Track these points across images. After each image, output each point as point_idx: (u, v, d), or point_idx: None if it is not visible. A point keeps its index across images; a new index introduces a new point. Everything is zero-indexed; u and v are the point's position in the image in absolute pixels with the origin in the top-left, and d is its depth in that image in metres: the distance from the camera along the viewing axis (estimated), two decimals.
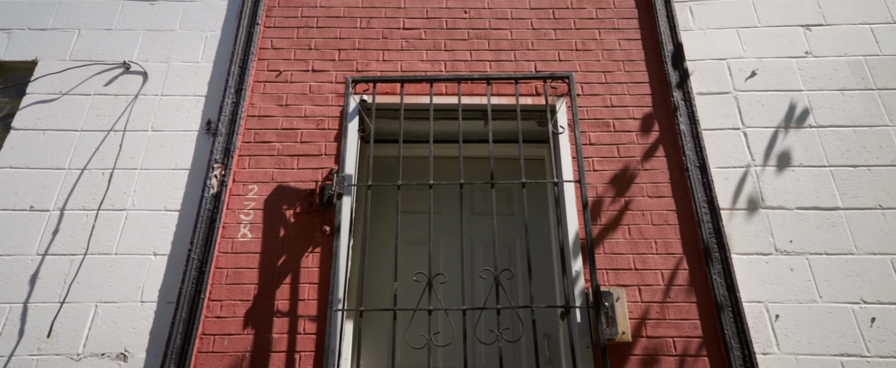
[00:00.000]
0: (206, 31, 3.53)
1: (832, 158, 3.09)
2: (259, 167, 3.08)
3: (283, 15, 3.56)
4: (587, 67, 3.37)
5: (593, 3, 3.59)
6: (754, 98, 3.27)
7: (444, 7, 3.59)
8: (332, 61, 3.41)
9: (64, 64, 3.42)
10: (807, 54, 3.41)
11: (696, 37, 3.49)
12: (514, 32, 3.50)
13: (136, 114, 3.26)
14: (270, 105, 3.27)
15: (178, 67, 3.41)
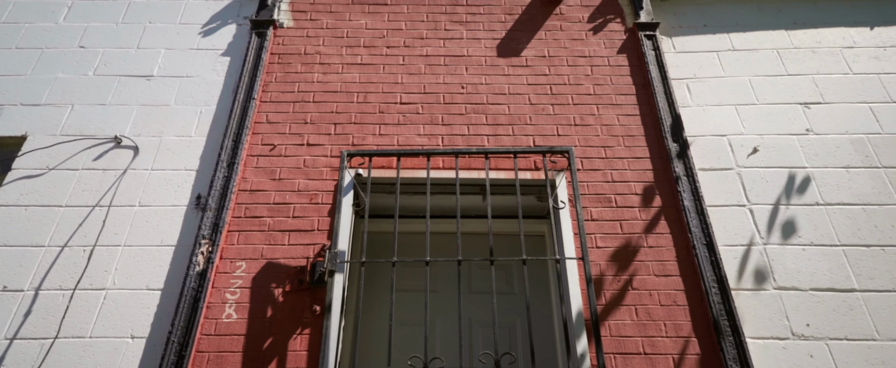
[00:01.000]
0: (201, 106, 3.57)
1: (843, 237, 3.04)
2: (248, 243, 3.01)
3: (280, 90, 3.62)
4: (586, 142, 3.39)
5: (591, 79, 3.67)
6: (758, 174, 3.28)
7: (442, 82, 3.65)
8: (327, 135, 3.42)
9: (54, 139, 3.43)
10: (808, 131, 3.45)
11: (695, 113, 3.54)
12: (512, 107, 3.55)
13: (124, 189, 3.22)
14: (263, 179, 3.24)
15: (170, 142, 3.42)
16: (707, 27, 3.98)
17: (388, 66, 3.73)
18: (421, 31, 3.90)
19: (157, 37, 3.90)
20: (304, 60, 3.75)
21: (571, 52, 3.80)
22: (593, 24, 3.94)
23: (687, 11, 4.07)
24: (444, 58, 3.77)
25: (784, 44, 3.87)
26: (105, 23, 3.98)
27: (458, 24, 3.94)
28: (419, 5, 4.03)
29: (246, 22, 3.96)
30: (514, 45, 3.83)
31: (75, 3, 4.10)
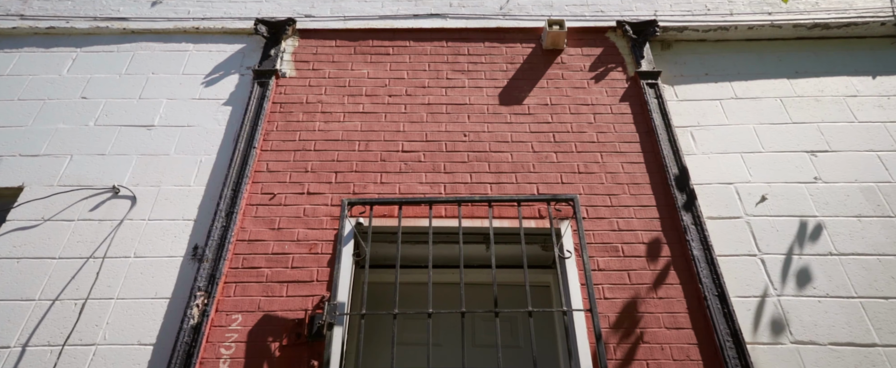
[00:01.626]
0: (201, 155, 3.59)
1: (860, 289, 2.99)
2: (245, 295, 2.96)
3: (281, 138, 3.64)
4: (591, 190, 3.38)
5: (594, 127, 3.69)
6: (767, 223, 3.25)
7: (444, 130, 3.68)
8: (328, 184, 3.42)
9: (50, 189, 3.43)
10: (816, 180, 3.44)
11: (701, 161, 3.55)
12: (515, 155, 3.56)
13: (120, 240, 3.20)
14: (262, 228, 3.22)
15: (169, 191, 3.41)
16: (709, 76, 4.03)
17: (390, 115, 3.77)
18: (423, 80, 3.96)
19: (159, 87, 3.96)
20: (306, 109, 3.80)
21: (574, 99, 3.84)
22: (595, 72, 4.00)
23: (688, 60, 4.14)
24: (446, 106, 3.82)
25: (787, 92, 3.92)
26: (108, 74, 4.06)
27: (460, 73, 4.00)
28: (421, 55, 4.11)
29: (248, 72, 4.03)
30: (517, 94, 3.88)
31: (80, 55, 4.18)
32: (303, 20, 4.32)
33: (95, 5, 4.48)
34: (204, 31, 4.28)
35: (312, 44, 4.19)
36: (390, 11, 4.40)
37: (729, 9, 4.34)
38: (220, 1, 4.50)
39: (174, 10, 4.43)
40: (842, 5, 4.32)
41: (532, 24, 4.26)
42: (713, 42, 4.27)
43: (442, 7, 4.43)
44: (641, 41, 4.10)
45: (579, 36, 4.21)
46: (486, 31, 4.26)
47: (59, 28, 4.30)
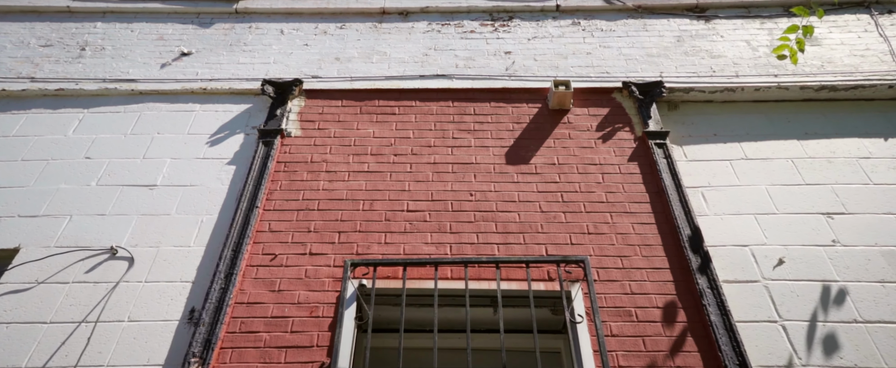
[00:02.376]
0: (202, 215, 3.58)
1: (890, 359, 2.88)
2: (241, 361, 2.87)
3: (284, 198, 3.65)
4: (602, 251, 3.33)
5: (602, 187, 3.68)
6: (787, 288, 3.17)
7: (450, 190, 3.68)
8: (331, 244, 3.39)
9: (47, 251, 3.41)
10: (834, 243, 3.39)
11: (714, 222, 3.52)
12: (523, 215, 3.53)
13: (114, 303, 3.14)
14: (262, 291, 3.17)
15: (167, 252, 3.39)
16: (717, 136, 4.06)
17: (396, 174, 3.78)
18: (429, 140, 4.00)
19: (163, 147, 4.01)
20: (311, 168, 3.82)
21: (581, 159, 3.86)
22: (602, 132, 4.04)
23: (696, 121, 4.17)
24: (452, 165, 3.83)
25: (798, 153, 3.93)
26: (113, 134, 4.12)
27: (466, 133, 4.05)
28: (427, 114, 4.17)
29: (253, 131, 4.09)
30: (523, 153, 3.90)
31: (87, 116, 4.26)
32: (310, 81, 4.43)
33: (105, 67, 4.61)
34: (211, 91, 4.38)
35: (318, 104, 4.27)
36: (397, 72, 4.51)
37: (734, 70, 4.42)
38: (228, 63, 4.63)
39: (183, 72, 4.55)
40: (848, 68, 4.39)
41: (538, 85, 4.34)
42: (720, 103, 4.32)
43: (448, 68, 4.54)
44: (648, 102, 4.15)
45: (585, 96, 4.28)
46: (491, 91, 4.35)
47: (68, 90, 4.41)
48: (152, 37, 4.91)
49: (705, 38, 4.74)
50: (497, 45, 4.77)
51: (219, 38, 4.88)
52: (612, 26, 4.91)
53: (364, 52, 4.72)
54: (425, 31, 4.91)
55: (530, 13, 5.07)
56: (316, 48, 4.77)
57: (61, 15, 5.17)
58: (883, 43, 4.61)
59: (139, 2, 5.20)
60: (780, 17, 4.92)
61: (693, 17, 4.96)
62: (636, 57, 4.60)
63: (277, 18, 5.08)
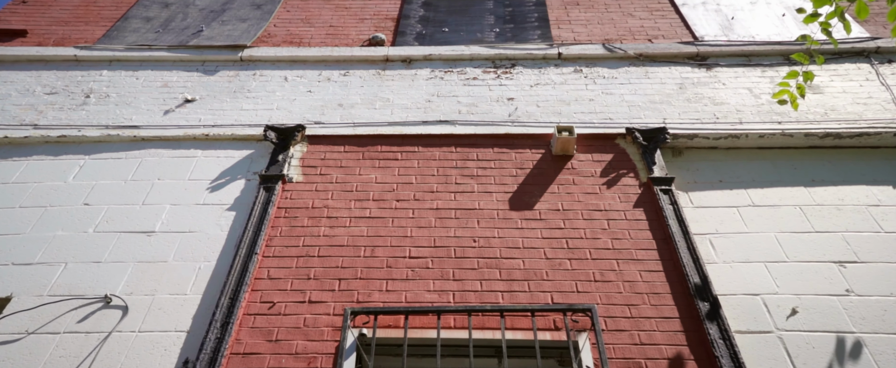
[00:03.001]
0: (200, 262, 3.55)
1: None
2: None
3: (284, 244, 3.62)
4: (609, 300, 3.27)
5: (608, 233, 3.65)
6: (802, 339, 3.10)
7: (453, 236, 3.65)
8: (331, 292, 3.34)
9: (39, 299, 3.36)
10: (849, 292, 3.34)
11: (723, 270, 3.47)
12: (527, 262, 3.49)
13: (105, 355, 3.08)
14: (259, 340, 3.10)
15: (163, 300, 3.34)
16: (723, 183, 4.05)
17: (398, 219, 3.76)
18: (431, 185, 4.00)
19: (163, 193, 4.01)
20: (312, 214, 3.80)
21: (586, 205, 3.84)
22: (606, 178, 4.04)
23: (701, 167, 4.18)
24: (455, 211, 3.82)
25: (806, 201, 3.91)
26: (114, 180, 4.13)
27: (469, 178, 4.05)
28: (430, 159, 4.19)
29: (255, 177, 4.10)
30: (527, 199, 3.89)
31: (88, 162, 4.29)
32: (312, 126, 4.47)
33: (109, 114, 4.67)
34: (213, 137, 4.42)
35: (321, 149, 4.30)
36: (400, 118, 4.55)
37: (738, 117, 4.46)
38: (231, 109, 4.69)
39: (186, 118, 4.60)
40: (851, 116, 4.43)
41: (541, 131, 4.37)
42: (725, 149, 4.33)
43: (451, 114, 4.59)
44: (652, 148, 4.17)
45: (589, 142, 4.30)
46: (495, 136, 4.38)
47: (70, 136, 4.45)
48: (157, 84, 5.00)
49: (707, 86, 4.81)
50: (500, 91, 4.84)
51: (223, 85, 4.96)
52: (614, 73, 4.99)
53: (367, 99, 4.79)
54: (428, 78, 4.99)
55: (532, 60, 5.17)
56: (319, 94, 4.84)
57: (68, 64, 5.28)
58: (885, 92, 4.66)
59: (145, 50, 5.32)
60: (780, 66, 4.99)
61: (694, 65, 5.04)
62: (639, 103, 4.65)
63: (282, 66, 5.18)
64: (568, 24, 5.74)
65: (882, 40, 5.11)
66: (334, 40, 5.56)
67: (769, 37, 5.38)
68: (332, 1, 6.26)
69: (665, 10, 5.93)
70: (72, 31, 5.79)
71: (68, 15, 6.08)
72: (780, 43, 5.17)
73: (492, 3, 6.17)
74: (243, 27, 5.73)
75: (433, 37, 5.58)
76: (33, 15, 6.07)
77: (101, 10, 6.18)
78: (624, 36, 5.51)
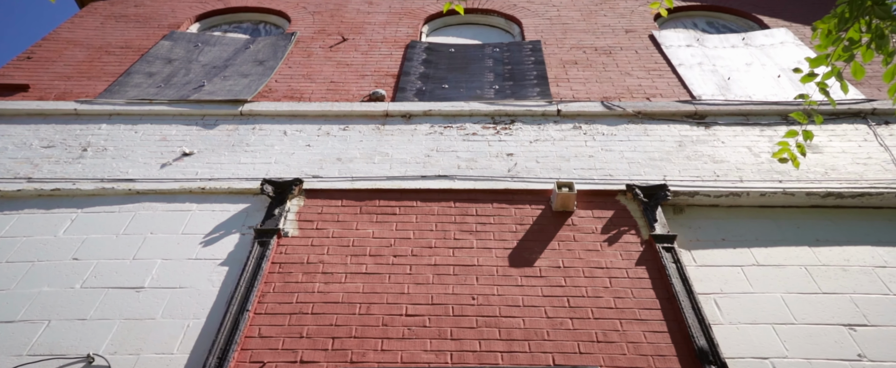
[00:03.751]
0: (189, 319, 3.47)
1: None
2: None
3: (277, 301, 3.55)
4: (612, 361, 3.19)
5: (610, 292, 3.60)
6: None
7: (451, 293, 3.60)
8: (324, 351, 3.25)
9: (18, 359, 3.27)
10: (861, 357, 3.27)
11: (730, 332, 3.41)
12: (528, 321, 3.42)
13: None
14: None
15: (148, 360, 3.25)
16: (726, 241, 4.03)
17: (394, 276, 3.70)
18: (429, 240, 3.96)
19: (155, 247, 3.96)
20: (306, 270, 3.75)
21: (587, 262, 3.79)
22: (607, 235, 4.01)
23: (703, 225, 4.16)
24: (453, 267, 3.77)
25: (811, 261, 3.88)
26: (105, 234, 4.08)
27: (468, 234, 4.02)
28: (428, 215, 4.17)
29: (250, 231, 4.06)
30: (527, 255, 3.84)
31: (80, 215, 4.26)
32: (310, 180, 4.47)
33: (105, 168, 4.68)
34: (209, 191, 4.41)
35: (318, 203, 4.28)
36: (398, 173, 4.56)
37: (738, 176, 4.47)
38: (229, 163, 4.71)
39: (182, 172, 4.61)
40: (852, 175, 4.45)
41: (541, 187, 4.38)
42: (726, 208, 4.33)
43: (450, 169, 4.60)
44: (653, 205, 4.16)
45: (589, 198, 4.29)
46: (494, 192, 4.38)
47: (64, 190, 4.44)
48: (155, 138, 5.03)
49: (706, 144, 4.85)
50: (499, 147, 4.87)
51: (221, 139, 5.00)
52: (614, 131, 5.04)
53: (366, 153, 4.81)
54: (428, 133, 5.04)
55: (531, 117, 5.24)
56: (318, 149, 4.87)
57: (68, 117, 5.33)
58: (884, 152, 4.71)
59: (146, 104, 5.38)
60: (778, 125, 5.06)
61: (693, 124, 5.11)
62: (639, 160, 4.68)
63: (281, 120, 5.24)
64: (566, 81, 5.86)
65: (878, 102, 5.20)
66: (335, 95, 5.64)
67: (765, 97, 5.48)
68: (333, 58, 6.40)
69: (662, 69, 6.06)
70: (74, 85, 5.88)
71: (71, 70, 6.19)
72: (776, 103, 5.26)
73: (491, 61, 6.32)
74: (245, 82, 5.83)
75: (433, 93, 5.68)
76: (37, 70, 6.18)
77: (105, 65, 6.30)
78: (622, 94, 5.61)
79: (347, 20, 7.38)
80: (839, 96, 5.20)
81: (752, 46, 6.62)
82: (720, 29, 7.48)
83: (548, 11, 7.58)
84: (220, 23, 7.86)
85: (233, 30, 7.68)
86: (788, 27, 7.04)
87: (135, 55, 6.52)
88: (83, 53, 6.55)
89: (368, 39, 6.85)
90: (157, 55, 6.50)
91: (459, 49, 6.64)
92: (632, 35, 6.87)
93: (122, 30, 7.16)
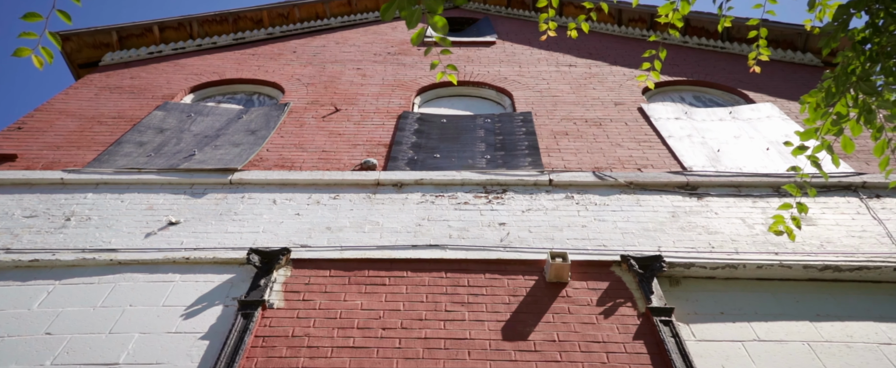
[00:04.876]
0: None
1: None
2: None
3: None
4: None
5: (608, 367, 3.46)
6: None
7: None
8: None
9: None
10: None
11: None
12: None
13: None
14: None
15: None
16: (725, 315, 3.96)
17: (383, 350, 3.57)
18: (420, 312, 3.85)
19: (133, 320, 3.82)
20: (291, 343, 3.61)
21: (583, 336, 3.69)
22: (603, 307, 3.92)
23: (700, 298, 4.09)
24: (444, 340, 3.64)
25: (813, 336, 3.80)
26: (82, 307, 3.95)
27: (460, 305, 3.92)
28: (419, 285, 4.07)
29: (233, 303, 3.94)
30: (521, 328, 3.74)
31: (57, 287, 4.13)
32: (298, 250, 4.40)
33: (87, 237, 4.59)
34: (194, 261, 4.31)
35: (305, 273, 4.19)
36: (389, 242, 4.50)
37: (733, 247, 4.45)
38: (215, 232, 4.64)
39: (167, 241, 4.52)
40: (848, 248, 4.44)
41: (534, 257, 4.32)
42: (723, 280, 4.27)
43: (441, 238, 4.55)
44: (649, 276, 4.10)
45: (583, 269, 4.23)
46: (486, 262, 4.31)
47: (42, 260, 4.33)
48: (141, 206, 4.98)
49: (700, 215, 4.85)
50: (491, 216, 4.84)
51: (209, 208, 4.95)
52: (606, 201, 5.04)
53: (356, 222, 4.77)
54: (419, 202, 5.02)
55: (523, 186, 5.24)
56: (307, 217, 4.82)
57: (53, 187, 5.29)
58: (878, 226, 4.71)
59: (134, 173, 5.36)
60: (770, 197, 5.09)
61: (685, 194, 5.13)
62: (633, 231, 4.65)
63: (271, 189, 5.22)
64: (558, 151, 5.92)
65: (867, 176, 5.26)
66: (326, 164, 5.66)
67: (756, 169, 5.54)
68: (326, 127, 6.47)
69: (652, 141, 6.15)
70: (63, 155, 5.88)
71: (62, 140, 6.21)
72: (767, 175, 5.32)
73: (483, 131, 6.40)
74: (236, 151, 5.85)
75: (425, 162, 5.70)
76: (27, 140, 6.19)
77: (96, 135, 6.32)
78: (613, 165, 5.66)
79: (341, 91, 7.52)
80: (830, 169, 5.26)
81: (739, 120, 6.77)
82: (707, 103, 7.67)
83: (538, 84, 7.77)
84: (215, 94, 8.00)
85: (227, 100, 7.80)
86: (773, 102, 7.23)
87: (127, 125, 6.57)
88: (75, 123, 6.59)
89: (361, 110, 6.95)
90: (150, 125, 6.54)
91: (451, 119, 6.74)
92: (621, 107, 7.02)
93: (116, 100, 7.25)
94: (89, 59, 8.91)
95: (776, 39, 8.91)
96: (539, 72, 8.21)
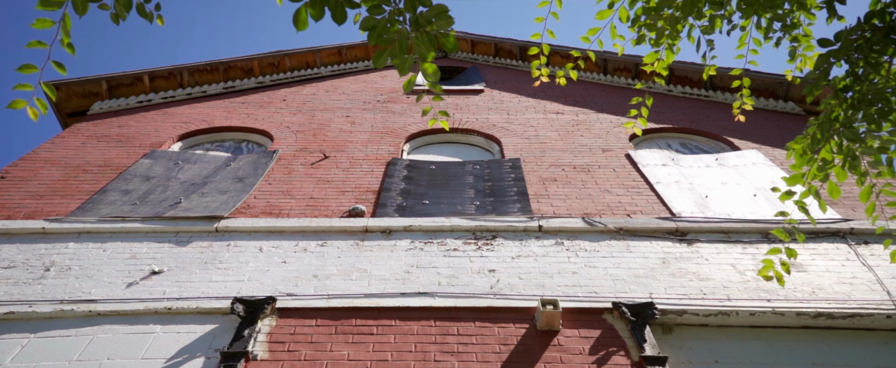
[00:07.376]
0: None
1: None
2: None
3: None
4: None
5: None
6: None
7: None
8: None
9: None
10: None
11: None
12: None
13: None
14: None
15: None
16: (719, 364, 3.90)
17: None
18: (408, 362, 3.76)
19: None
20: None
21: None
22: (596, 356, 3.85)
23: (694, 346, 4.04)
24: None
25: None
26: (57, 361, 3.83)
27: (449, 355, 3.83)
28: (407, 335, 3.99)
29: (216, 354, 3.83)
30: None
31: (32, 341, 4.01)
32: (284, 298, 4.31)
33: (66, 288, 4.49)
34: (176, 311, 4.21)
35: (291, 323, 4.09)
36: (377, 290, 4.43)
37: (725, 294, 4.42)
38: (199, 281, 4.55)
39: (149, 291, 4.43)
40: (839, 295, 4.42)
41: (524, 304, 4.26)
42: (716, 327, 4.23)
43: (430, 286, 4.48)
44: (641, 324, 4.05)
45: (575, 317, 4.17)
46: (476, 310, 4.24)
47: (18, 313, 4.22)
48: (124, 255, 4.89)
49: (690, 261, 4.83)
50: (481, 262, 4.80)
51: (194, 256, 4.87)
52: (596, 247, 5.02)
53: (344, 270, 4.70)
54: (408, 249, 4.97)
55: (513, 232, 5.22)
56: (294, 265, 4.75)
57: (34, 236, 5.20)
58: (868, 272, 4.70)
59: (118, 222, 5.29)
60: (760, 243, 5.09)
61: (675, 240, 5.12)
62: (623, 277, 4.62)
63: (258, 236, 5.15)
64: (547, 198, 5.93)
65: (855, 222, 5.29)
66: (314, 211, 5.62)
67: (744, 215, 5.57)
68: (314, 174, 6.46)
69: (640, 187, 6.19)
70: (45, 204, 5.80)
71: (45, 189, 6.14)
72: (756, 221, 5.34)
73: (472, 177, 6.42)
74: (223, 199, 5.81)
75: (414, 209, 5.68)
76: (9, 190, 6.11)
77: (81, 184, 6.27)
78: (602, 211, 5.66)
79: (330, 138, 7.55)
80: (818, 215, 5.29)
81: (726, 166, 6.84)
82: (693, 149, 7.77)
83: (526, 131, 7.86)
84: (203, 141, 8.00)
85: (215, 148, 7.80)
86: (759, 148, 7.33)
87: (113, 173, 6.53)
88: (60, 172, 6.54)
89: (350, 157, 6.97)
90: (136, 173, 6.51)
91: (440, 166, 6.76)
92: (609, 154, 7.09)
93: (103, 149, 7.23)
94: (78, 108, 8.92)
95: (758, 88, 9.13)
96: (527, 120, 8.31)
